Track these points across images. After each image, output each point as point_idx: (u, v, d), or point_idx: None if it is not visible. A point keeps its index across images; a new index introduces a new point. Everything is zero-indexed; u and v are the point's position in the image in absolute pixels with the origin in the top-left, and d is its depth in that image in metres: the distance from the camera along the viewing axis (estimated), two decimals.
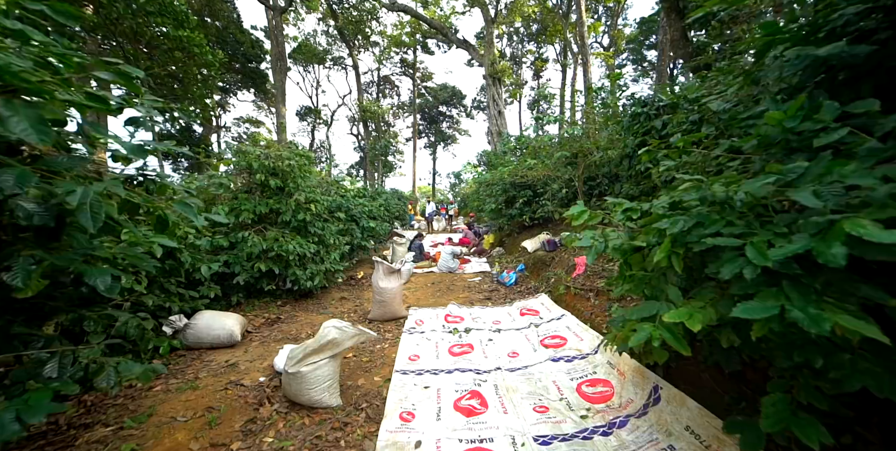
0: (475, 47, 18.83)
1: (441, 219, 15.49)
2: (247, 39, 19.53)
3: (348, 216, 6.18)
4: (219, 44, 18.55)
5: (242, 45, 18.98)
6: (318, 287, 4.59)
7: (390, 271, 4.00)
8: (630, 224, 1.69)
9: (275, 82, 18.18)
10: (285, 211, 4.43)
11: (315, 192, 5.11)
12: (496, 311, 4.31)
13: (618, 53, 26.88)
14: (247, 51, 19.16)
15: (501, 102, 17.27)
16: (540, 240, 6.41)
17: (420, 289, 5.56)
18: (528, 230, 7.82)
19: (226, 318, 3.10)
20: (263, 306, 4.20)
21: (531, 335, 3.41)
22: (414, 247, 7.50)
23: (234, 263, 3.94)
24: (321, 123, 29.08)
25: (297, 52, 26.05)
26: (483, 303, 4.73)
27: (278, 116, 18.45)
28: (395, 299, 3.99)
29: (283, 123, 18.19)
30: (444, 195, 30.49)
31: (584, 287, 3.81)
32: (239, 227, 4.22)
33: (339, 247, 5.33)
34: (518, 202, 7.43)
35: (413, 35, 24.75)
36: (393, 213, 10.02)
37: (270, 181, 4.20)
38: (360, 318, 4.10)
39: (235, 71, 20.42)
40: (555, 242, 5.48)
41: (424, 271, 6.78)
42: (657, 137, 3.69)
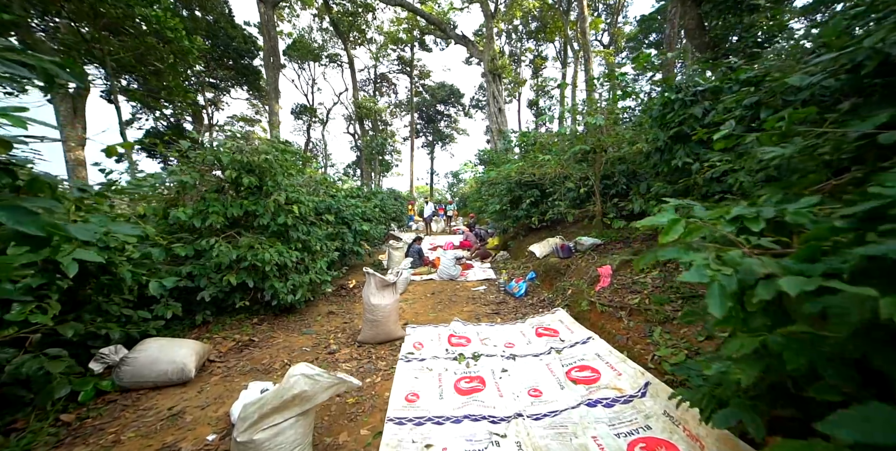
0: (474, 43, 18.23)
1: (440, 220, 14.88)
2: (238, 34, 18.84)
3: (339, 219, 5.56)
4: (209, 38, 17.88)
5: (234, 40, 18.28)
6: (300, 301, 3.98)
7: (384, 285, 3.40)
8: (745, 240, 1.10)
9: (267, 79, 17.50)
10: (263, 213, 3.81)
11: (299, 191, 4.50)
12: (507, 329, 3.71)
13: (618, 52, 26.39)
14: (238, 46, 18.47)
15: (502, 100, 16.69)
16: (551, 244, 5.82)
17: (419, 300, 4.95)
18: (534, 233, 7.23)
19: (178, 347, 2.48)
20: (236, 324, 3.58)
21: (554, 365, 2.81)
22: (412, 252, 6.89)
23: (200, 275, 3.32)
24: (317, 121, 28.39)
25: (292, 49, 25.36)
26: (491, 318, 4.13)
27: (271, 113, 17.81)
28: (390, 317, 3.38)
29: (276, 121, 17.54)
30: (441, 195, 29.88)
31: (611, 303, 3.22)
32: (207, 232, 3.59)
33: (328, 254, 4.71)
34: (525, 203, 6.84)
35: (410, 31, 24.13)
36: (389, 214, 9.40)
37: (244, 179, 3.58)
38: (349, 338, 3.49)
39: (227, 67, 19.72)
40: (569, 247, 4.89)
41: (423, 278, 6.18)
42: (697, 126, 3.11)
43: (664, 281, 3.07)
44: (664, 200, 1.44)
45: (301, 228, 4.30)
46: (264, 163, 3.71)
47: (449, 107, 32.83)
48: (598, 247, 4.72)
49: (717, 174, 2.81)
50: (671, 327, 2.52)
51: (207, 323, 3.42)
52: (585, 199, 6.12)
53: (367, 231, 5.91)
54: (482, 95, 31.81)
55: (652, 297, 2.88)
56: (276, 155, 4.00)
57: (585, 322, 3.38)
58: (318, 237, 4.63)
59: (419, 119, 32.77)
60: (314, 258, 4.48)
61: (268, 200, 3.85)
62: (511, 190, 7.09)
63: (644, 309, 2.83)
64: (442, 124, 33.45)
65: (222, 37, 17.74)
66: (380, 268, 6.92)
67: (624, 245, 4.52)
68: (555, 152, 5.04)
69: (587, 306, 3.47)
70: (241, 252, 3.49)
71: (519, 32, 28.32)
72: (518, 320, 3.97)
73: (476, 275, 6.29)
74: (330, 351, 3.15)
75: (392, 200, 10.15)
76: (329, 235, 5.15)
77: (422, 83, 30.06)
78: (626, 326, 2.87)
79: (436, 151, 34.82)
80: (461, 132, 34.43)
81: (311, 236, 4.48)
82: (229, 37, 18.04)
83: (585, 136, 4.59)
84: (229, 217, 3.60)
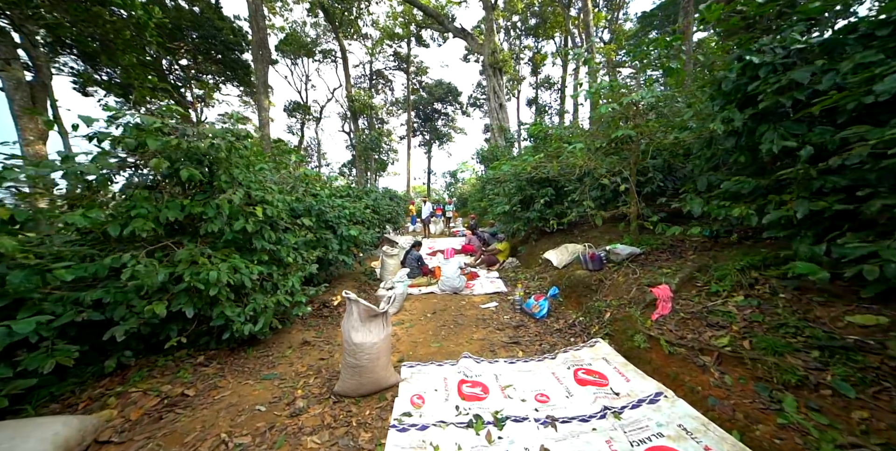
0: (473, 37, 17.32)
1: (438, 221, 13.95)
2: (227, 27, 17.81)
3: (321, 222, 4.62)
4: (194, 30, 16.84)
5: (221, 32, 17.24)
6: (264, 332, 3.04)
7: (371, 316, 2.47)
8: None
9: (256, 73, 16.47)
10: (213, 217, 2.87)
11: (268, 189, 3.56)
12: (536, 370, 2.79)
13: (619, 49, 25.60)
14: (227, 39, 17.42)
15: (503, 95, 15.79)
16: (571, 252, 4.92)
17: (417, 322, 4.03)
18: (548, 237, 6.33)
19: (24, 437, 1.53)
20: (171, 367, 2.63)
21: (618, 440, 1.91)
22: (410, 260, 5.96)
23: (116, 303, 2.37)
24: (310, 119, 27.35)
25: (284, 44, 24.31)
26: (510, 350, 3.21)
27: (261, 109, 16.76)
28: (379, 360, 2.46)
29: (266, 117, 16.53)
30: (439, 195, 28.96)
31: (682, 341, 2.32)
32: (132, 243, 2.65)
33: (304, 267, 3.78)
34: (538, 203, 5.94)
35: (407, 26, 23.17)
36: (384, 215, 8.46)
37: (182, 171, 2.63)
38: (325, 386, 2.56)
39: (214, 61, 18.65)
40: (600, 257, 3.99)
41: (422, 292, 5.25)
42: (802, 97, 2.22)
43: (762, 311, 2.17)
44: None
45: (268, 234, 3.36)
46: (211, 150, 2.76)
47: (446, 105, 31.95)
48: (637, 257, 3.83)
49: (852, 160, 1.92)
50: (815, 397, 1.62)
51: (127, 369, 2.47)
52: (610, 199, 5.23)
53: (356, 236, 4.97)
54: (480, 93, 30.95)
55: (755, 338, 1.98)
56: (232, 141, 3.06)
57: (644, 365, 2.48)
58: (291, 246, 3.70)
59: (416, 118, 31.84)
60: (286, 273, 3.54)
61: (222, 198, 2.91)
62: (521, 188, 6.19)
63: (747, 357, 1.92)
64: (439, 123, 32.57)
65: (208, 28, 16.69)
66: (372, 278, 5.99)
67: (672, 256, 3.63)
68: (576, 143, 4.14)
69: (644, 342, 2.57)
70: (177, 270, 2.55)
71: (518, 29, 27.48)
72: (546, 354, 3.05)
73: (483, 287, 5.37)
74: (293, 413, 2.22)
75: (387, 201, 9.20)
76: (308, 242, 4.22)
77: (419, 80, 29.15)
78: (717, 381, 1.97)
79: (433, 151, 33.94)
80: (459, 131, 33.57)
81: (281, 246, 3.55)
82: (216, 28, 16.99)
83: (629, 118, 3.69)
84: (164, 222, 2.66)
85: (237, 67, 19.27)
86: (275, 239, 3.46)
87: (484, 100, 30.44)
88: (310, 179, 5.06)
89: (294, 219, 4.23)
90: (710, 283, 2.70)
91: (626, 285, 3.48)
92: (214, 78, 20.60)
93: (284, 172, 4.94)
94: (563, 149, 4.27)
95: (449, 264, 5.24)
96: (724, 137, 2.82)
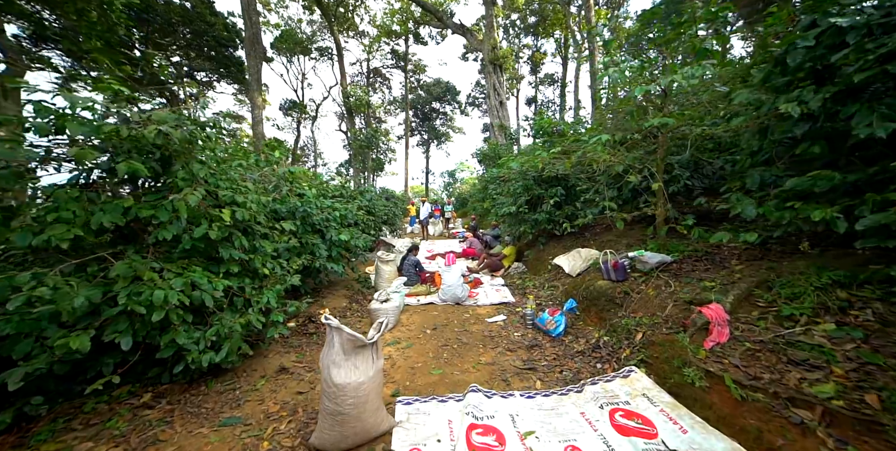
0: (472, 33, 16.79)
1: (437, 222, 13.40)
2: (219, 22, 17.19)
3: (307, 226, 4.07)
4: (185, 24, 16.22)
5: (213, 28, 16.62)
6: (230, 360, 2.49)
7: (355, 347, 1.93)
8: None
9: (249, 69, 15.87)
10: (165, 222, 2.32)
11: (241, 189, 3.01)
12: (559, 408, 2.26)
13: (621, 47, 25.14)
14: (219, 34, 16.80)
15: (503, 92, 15.27)
16: (584, 257, 4.40)
17: (416, 341, 3.48)
18: (557, 240, 5.80)
19: None
20: (105, 412, 2.08)
21: None
22: (406, 266, 5.42)
23: (18, 336, 1.81)
24: (307, 118, 26.73)
25: (280, 41, 23.70)
26: (525, 378, 2.68)
27: (254, 106, 16.17)
28: (367, 404, 1.91)
29: (259, 115, 15.95)
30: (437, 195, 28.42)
31: (758, 382, 1.78)
32: (58, 254, 2.10)
33: (285, 278, 3.22)
34: (546, 204, 5.41)
35: (405, 23, 22.60)
36: (379, 217, 7.91)
37: (120, 165, 2.08)
38: (299, 438, 2.01)
39: (207, 57, 18.03)
40: (624, 266, 3.45)
41: (421, 302, 4.70)
42: None
43: (876, 348, 1.63)
44: None
45: (239, 242, 2.81)
46: (159, 139, 2.20)
47: (445, 104, 31.42)
48: (668, 266, 3.30)
49: None
50: None
51: (34, 422, 1.91)
52: (629, 199, 4.71)
53: (348, 241, 4.42)
54: (479, 92, 30.45)
55: (887, 392, 1.43)
56: (192, 130, 2.51)
57: (702, 410, 1.94)
58: (269, 255, 3.15)
59: (414, 117, 31.30)
60: (262, 286, 2.99)
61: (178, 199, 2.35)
62: (528, 188, 5.66)
63: (885, 420, 1.38)
64: (438, 122, 32.04)
65: (199, 23, 16.08)
66: (366, 286, 5.44)
67: (712, 265, 3.10)
68: (598, 135, 3.61)
69: (699, 379, 2.03)
70: (113, 288, 2.00)
71: (517, 27, 26.96)
72: (571, 386, 2.52)
73: (488, 296, 4.83)
74: None
75: (383, 201, 8.64)
76: (291, 249, 3.67)
77: (417, 78, 28.59)
78: (820, 445, 1.43)
79: (431, 150, 33.40)
80: (457, 131, 33.06)
81: (256, 254, 3.00)
82: (208, 24, 16.38)
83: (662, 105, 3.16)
84: (98, 228, 2.10)
85: (230, 64, 18.65)
86: (248, 247, 2.91)
87: (483, 99, 29.94)
88: (295, 177, 4.50)
89: (276, 222, 3.68)
90: (776, 303, 2.18)
91: (660, 299, 2.95)
92: (208, 75, 19.97)
93: (268, 170, 4.39)
94: (583, 143, 3.74)
95: (451, 271, 4.70)
96: (790, 123, 2.29)
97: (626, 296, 3.27)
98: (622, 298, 3.28)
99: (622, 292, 3.33)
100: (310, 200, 4.15)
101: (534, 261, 5.89)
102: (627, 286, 3.34)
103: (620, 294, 3.31)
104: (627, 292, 3.27)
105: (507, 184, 6.16)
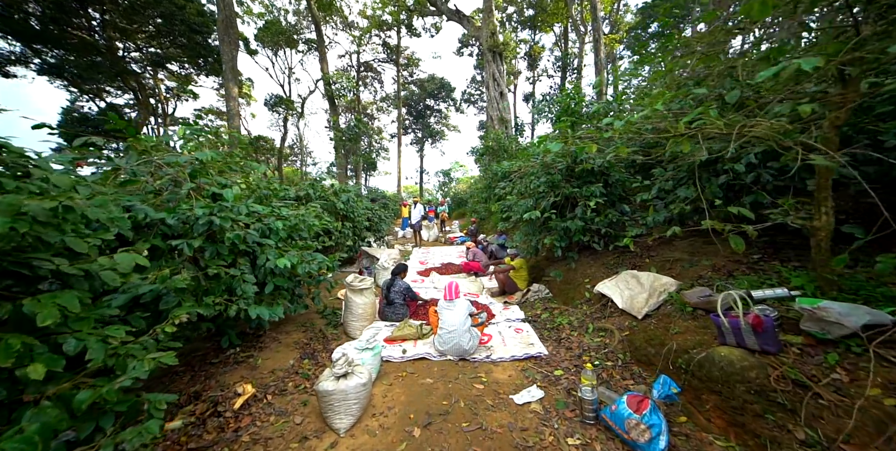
0: (469, 19, 15.17)
1: (431, 225, 11.78)
2: (191, 6, 15.31)
3: (220, 247, 2.42)
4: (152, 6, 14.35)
5: (183, 11, 14.76)
6: None
7: None
8: None
9: (223, 56, 14.05)
10: None
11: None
12: None
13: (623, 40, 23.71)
14: (188, 18, 14.93)
15: (503, 82, 13.68)
16: (657, 289, 2.85)
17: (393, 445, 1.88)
18: (592, 255, 4.23)
19: None
20: None
21: None
22: (393, 294, 3.82)
23: None
24: (294, 114, 24.89)
25: (265, 31, 21.82)
26: None
27: (229, 98, 14.38)
28: None
29: (234, 107, 14.19)
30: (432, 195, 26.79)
31: None
32: None
33: (142, 363, 1.58)
34: (581, 207, 3.84)
35: (397, 13, 20.86)
36: (360, 223, 6.24)
37: None
38: None
39: (179, 45, 16.13)
40: (772, 325, 1.86)
41: (408, 356, 3.09)
42: None
43: None
44: None
45: None
46: None
47: (439, 101, 29.76)
48: (885, 331, 1.73)
49: None
50: None
51: None
52: (724, 198, 3.14)
53: (294, 266, 2.79)
54: (475, 88, 28.84)
55: None
56: None
57: None
58: (88, 320, 1.51)
59: (407, 114, 29.61)
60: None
61: None
62: (555, 185, 4.07)
63: None
64: (432, 120, 30.37)
65: (168, 5, 14.20)
66: (333, 322, 3.80)
67: None
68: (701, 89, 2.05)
69: None
70: None
71: (513, 21, 25.40)
72: None
73: (507, 343, 3.23)
74: None
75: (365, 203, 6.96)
76: (176, 291, 2.02)
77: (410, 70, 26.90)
78: None
79: (425, 149, 31.73)
80: (452, 129, 31.44)
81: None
82: (177, 6, 14.52)
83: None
84: None
85: (205, 53, 16.77)
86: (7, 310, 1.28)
87: (479, 95, 28.37)
88: (212, 166, 2.86)
89: (168, 241, 2.04)
90: None
91: (879, 408, 1.38)
92: (182, 66, 18.05)
93: (168, 157, 2.71)
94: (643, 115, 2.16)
95: (453, 309, 3.08)
96: None
97: (794, 389, 1.69)
98: (790, 395, 1.70)
99: (778, 378, 1.74)
100: (226, 206, 2.50)
101: (562, 284, 4.30)
102: (797, 370, 1.75)
103: (783, 384, 1.73)
104: (805, 385, 1.68)
105: (523, 180, 4.56)
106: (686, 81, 3.16)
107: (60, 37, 13.55)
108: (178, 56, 16.84)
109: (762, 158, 2.54)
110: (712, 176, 3.03)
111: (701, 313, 2.38)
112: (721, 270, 2.78)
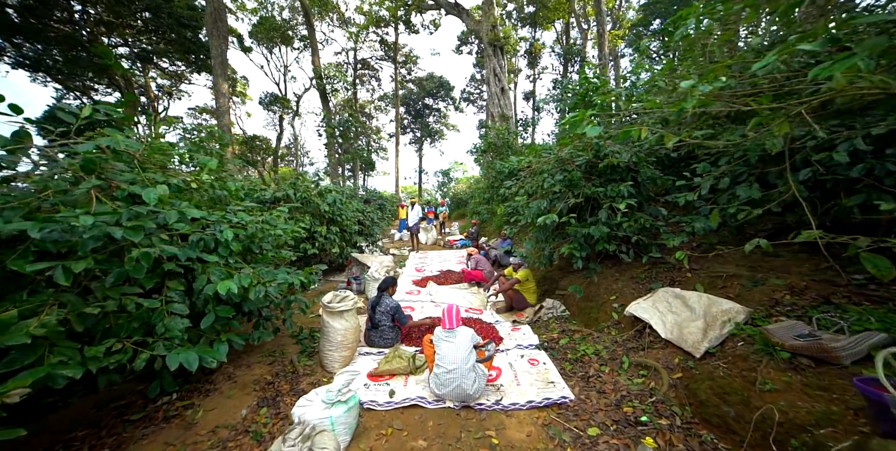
0: (469, 12, 14.50)
1: (430, 227, 11.10)
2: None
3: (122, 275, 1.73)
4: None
5: (171, 4, 14.06)
6: None
7: None
8: None
9: (212, 51, 13.34)
10: None
11: None
12: None
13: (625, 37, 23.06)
14: (175, 11, 14.24)
15: (504, 77, 13.01)
16: (717, 318, 2.17)
17: None
18: (616, 266, 3.56)
19: None
20: None
21: None
22: (380, 315, 3.14)
23: None
24: (289, 112, 24.20)
25: (259, 28, 21.12)
26: None
27: (218, 95, 13.73)
28: None
29: (224, 104, 13.53)
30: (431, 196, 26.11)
31: None
32: None
33: None
34: (606, 210, 3.17)
35: (395, 9, 20.16)
36: (349, 227, 5.55)
37: None
38: None
39: (167, 40, 15.42)
40: None
41: (395, 402, 2.41)
42: None
43: None
44: None
45: None
46: None
47: (438, 100, 29.06)
48: None
49: None
50: None
51: None
52: (827, 191, 2.48)
53: (247, 290, 2.13)
54: (474, 87, 28.15)
55: None
56: None
57: None
58: None
59: (406, 113, 28.89)
60: None
61: None
62: (574, 183, 3.39)
63: None
64: (431, 119, 29.67)
65: None
66: (306, 351, 3.12)
67: None
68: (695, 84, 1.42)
69: None
70: None
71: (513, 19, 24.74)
72: None
73: (523, 385, 2.56)
74: None
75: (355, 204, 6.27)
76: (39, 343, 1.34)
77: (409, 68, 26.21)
78: None
79: (424, 149, 31.04)
80: (451, 128, 30.75)
81: None
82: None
83: None
84: None
85: (195, 49, 16.05)
86: None
87: (478, 94, 27.70)
88: (162, 156, 2.19)
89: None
90: None
91: None
92: (173, 63, 17.33)
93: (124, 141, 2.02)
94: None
95: (454, 340, 2.40)
96: None
97: None
98: None
99: None
100: (141, 212, 1.81)
101: (581, 301, 3.63)
102: None
103: None
104: None
105: (534, 178, 3.89)
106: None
107: (41, 30, 12.86)
108: (168, 52, 16.13)
109: (881, 142, 1.86)
110: (783, 171, 2.36)
111: (806, 361, 1.70)
112: (805, 293, 2.11)
